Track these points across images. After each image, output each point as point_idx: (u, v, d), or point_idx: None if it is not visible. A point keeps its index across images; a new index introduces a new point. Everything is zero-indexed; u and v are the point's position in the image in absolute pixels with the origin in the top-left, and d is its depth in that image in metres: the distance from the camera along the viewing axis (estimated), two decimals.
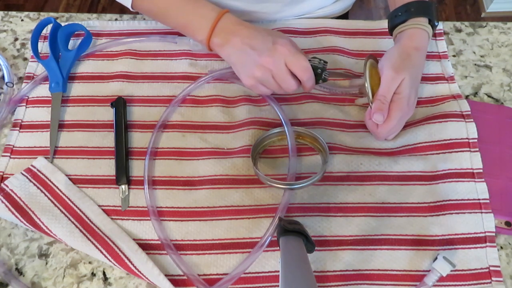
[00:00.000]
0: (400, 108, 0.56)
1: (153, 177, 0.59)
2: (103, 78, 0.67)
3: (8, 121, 0.64)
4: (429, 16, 0.60)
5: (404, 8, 0.61)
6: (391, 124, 0.57)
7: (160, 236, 0.54)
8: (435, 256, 0.53)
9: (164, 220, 0.56)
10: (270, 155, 0.61)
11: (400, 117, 0.57)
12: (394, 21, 0.62)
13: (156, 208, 0.56)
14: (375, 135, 0.60)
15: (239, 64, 0.59)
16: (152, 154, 0.60)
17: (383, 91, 0.56)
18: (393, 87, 0.56)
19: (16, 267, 0.54)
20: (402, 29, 0.61)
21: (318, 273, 0.53)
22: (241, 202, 0.57)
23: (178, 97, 0.64)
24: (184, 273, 0.52)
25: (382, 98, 0.56)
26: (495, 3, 1.77)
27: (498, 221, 0.55)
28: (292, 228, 0.46)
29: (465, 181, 0.57)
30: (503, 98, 0.66)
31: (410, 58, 0.58)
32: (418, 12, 0.60)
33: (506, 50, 0.71)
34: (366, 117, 0.61)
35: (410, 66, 0.57)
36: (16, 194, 0.56)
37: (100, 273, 0.54)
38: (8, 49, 0.71)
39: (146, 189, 0.57)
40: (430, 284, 0.51)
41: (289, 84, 0.57)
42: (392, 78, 0.56)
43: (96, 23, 0.73)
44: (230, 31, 0.58)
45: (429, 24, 0.61)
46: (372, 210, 0.56)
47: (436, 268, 0.51)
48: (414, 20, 0.60)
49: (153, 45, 0.70)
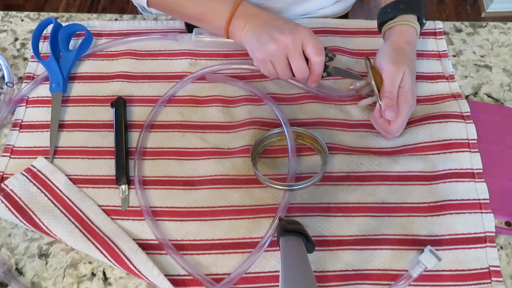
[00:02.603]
0: (407, 101, 0.57)
1: (153, 177, 0.59)
2: (103, 78, 0.67)
3: (8, 121, 0.64)
4: (417, 13, 0.62)
5: (393, 5, 0.62)
6: (402, 119, 0.57)
7: (158, 236, 0.54)
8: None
9: (164, 220, 0.56)
10: (270, 155, 0.61)
11: (408, 110, 0.58)
12: (383, 17, 0.63)
13: (149, 208, 0.56)
14: (386, 133, 0.60)
15: (255, 40, 0.58)
16: (151, 154, 0.60)
17: (388, 87, 0.57)
18: (397, 82, 0.57)
19: (16, 267, 0.54)
20: (390, 26, 0.62)
21: (318, 273, 0.53)
22: (241, 202, 0.57)
23: (165, 97, 0.65)
24: (189, 273, 0.52)
25: (389, 95, 0.57)
26: (495, 3, 1.77)
27: (498, 221, 0.55)
28: (292, 228, 0.46)
29: (465, 181, 0.57)
30: (503, 98, 0.66)
31: (405, 52, 0.59)
32: (407, 9, 0.61)
33: (506, 50, 0.70)
34: (374, 117, 0.60)
35: (407, 60, 0.58)
36: (16, 194, 0.56)
37: (100, 273, 0.54)
38: (8, 49, 0.71)
39: (137, 189, 0.57)
40: (415, 276, 0.51)
41: (300, 65, 0.57)
42: (394, 72, 0.57)
43: (96, 23, 0.73)
44: (252, 14, 0.59)
45: (418, 22, 0.62)
46: (372, 210, 0.56)
47: (421, 260, 0.51)
48: (403, 17, 0.61)
49: (153, 45, 0.70)
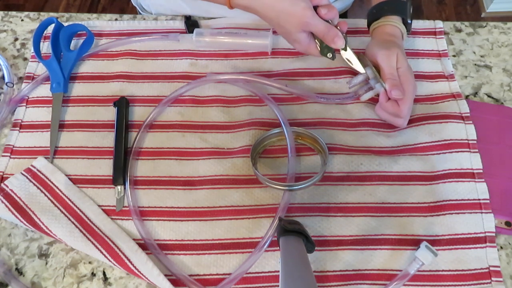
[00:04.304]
0: (409, 80, 0.59)
1: (153, 177, 0.59)
2: (104, 78, 0.67)
3: (8, 121, 0.64)
4: (402, 14, 0.64)
5: (378, 6, 0.65)
6: (410, 97, 0.58)
7: (143, 235, 0.54)
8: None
9: (164, 220, 0.56)
10: (270, 155, 0.61)
11: (412, 89, 0.59)
12: (370, 17, 0.66)
13: (138, 208, 0.56)
14: (396, 118, 0.60)
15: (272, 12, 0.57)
16: (151, 154, 0.60)
17: (388, 69, 0.59)
18: (393, 63, 0.59)
19: (16, 267, 0.54)
20: (376, 26, 0.65)
21: (318, 273, 0.53)
22: (241, 202, 0.57)
23: (170, 96, 0.64)
24: (172, 273, 0.52)
25: (391, 76, 0.58)
26: (495, 3, 1.77)
27: (498, 221, 0.55)
28: (292, 228, 0.46)
29: (465, 181, 0.57)
30: (503, 98, 0.66)
31: (392, 41, 0.62)
32: (390, 10, 0.64)
33: (506, 50, 0.70)
34: (381, 104, 0.60)
35: (396, 45, 0.61)
36: (16, 194, 0.56)
37: (100, 273, 0.54)
38: (8, 49, 0.71)
39: (127, 189, 0.57)
40: (412, 273, 0.51)
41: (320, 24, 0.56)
42: (388, 55, 0.59)
43: (96, 23, 0.73)
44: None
45: (403, 23, 0.64)
46: (372, 210, 0.56)
47: (418, 256, 0.51)
48: (387, 17, 0.63)
49: (153, 45, 0.70)
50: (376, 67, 0.60)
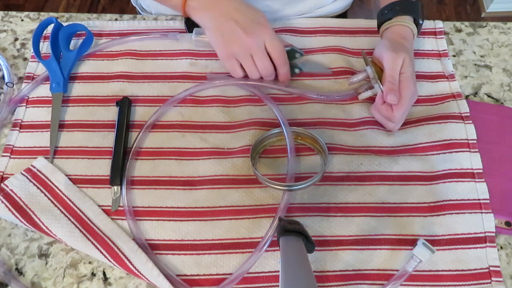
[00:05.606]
0: (408, 87, 0.58)
1: (153, 177, 0.59)
2: (104, 78, 0.67)
3: (8, 121, 0.64)
4: (414, 14, 0.63)
5: (390, 7, 0.64)
6: (405, 104, 0.58)
7: (134, 235, 0.54)
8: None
9: (164, 220, 0.56)
10: (270, 155, 0.61)
11: (410, 96, 0.58)
12: (381, 18, 0.65)
13: (132, 208, 0.56)
14: (388, 122, 0.60)
15: (218, 33, 0.60)
16: (151, 154, 0.60)
17: (390, 72, 0.58)
18: (397, 67, 0.58)
19: (16, 267, 0.54)
20: (387, 26, 0.64)
21: (318, 273, 0.53)
22: (241, 202, 0.57)
23: (175, 97, 0.64)
24: (165, 274, 0.52)
25: (391, 79, 0.58)
26: (495, 3, 1.77)
27: (498, 221, 0.55)
28: (292, 228, 0.46)
29: (465, 181, 0.57)
30: (503, 98, 0.66)
31: (402, 44, 0.61)
32: (403, 10, 0.63)
33: (506, 50, 0.71)
34: (376, 106, 0.60)
35: (405, 49, 0.60)
36: (16, 194, 0.56)
37: (100, 273, 0.54)
38: (8, 49, 0.71)
39: (123, 190, 0.57)
40: (410, 270, 0.51)
41: (266, 65, 0.60)
42: (394, 58, 0.58)
43: (96, 23, 0.73)
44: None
45: (414, 23, 0.63)
46: (372, 210, 0.56)
47: (415, 254, 0.51)
48: (399, 18, 0.63)
49: (153, 45, 0.70)
50: (381, 68, 0.60)
